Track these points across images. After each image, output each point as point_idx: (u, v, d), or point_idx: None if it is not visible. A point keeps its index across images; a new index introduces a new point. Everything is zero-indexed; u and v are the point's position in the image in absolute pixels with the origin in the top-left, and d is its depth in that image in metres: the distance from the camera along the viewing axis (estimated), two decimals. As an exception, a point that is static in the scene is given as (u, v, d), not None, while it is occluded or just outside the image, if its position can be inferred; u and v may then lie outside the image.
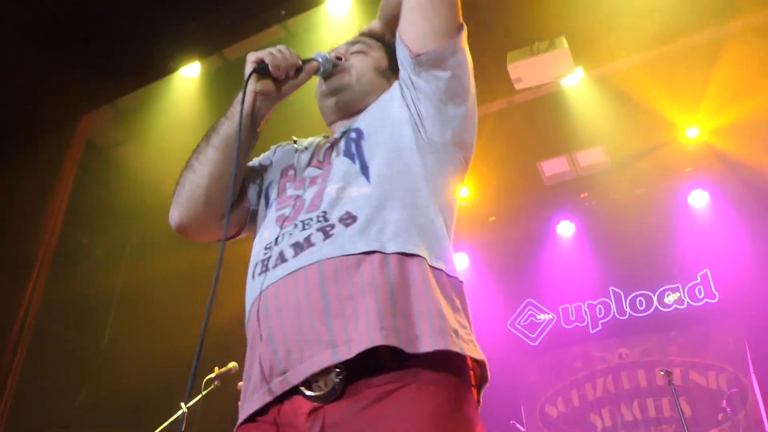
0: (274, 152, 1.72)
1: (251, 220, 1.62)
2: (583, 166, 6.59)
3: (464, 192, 6.78)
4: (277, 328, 1.26)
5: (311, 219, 1.35)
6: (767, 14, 5.14)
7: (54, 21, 3.75)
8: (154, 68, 3.82)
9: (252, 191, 1.62)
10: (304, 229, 1.34)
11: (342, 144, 1.49)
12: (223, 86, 5.46)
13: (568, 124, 6.09)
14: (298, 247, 1.31)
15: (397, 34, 1.52)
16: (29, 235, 4.49)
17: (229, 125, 1.49)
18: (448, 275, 1.35)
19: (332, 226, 1.32)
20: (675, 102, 5.90)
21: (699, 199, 6.47)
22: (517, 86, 4.60)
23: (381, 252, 1.27)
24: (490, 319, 6.70)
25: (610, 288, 6.62)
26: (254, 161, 1.69)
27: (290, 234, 1.35)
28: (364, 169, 1.41)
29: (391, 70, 1.71)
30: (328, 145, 1.55)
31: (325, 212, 1.35)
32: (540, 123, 6.19)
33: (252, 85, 1.50)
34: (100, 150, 6.35)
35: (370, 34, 1.78)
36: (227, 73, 5.48)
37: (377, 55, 1.72)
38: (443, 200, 1.46)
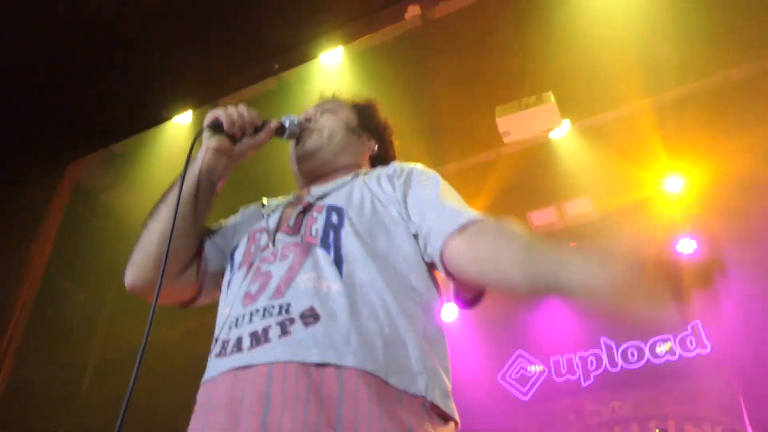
0: (242, 213, 1.68)
1: (213, 283, 1.57)
2: (571, 216, 6.64)
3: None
4: (213, 423, 1.20)
5: (273, 307, 1.28)
6: (747, 68, 5.31)
7: (46, 66, 3.79)
8: (147, 117, 3.85)
9: (213, 253, 1.58)
10: (264, 317, 1.27)
11: (320, 225, 1.42)
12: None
13: (555, 175, 6.17)
14: (254, 338, 1.24)
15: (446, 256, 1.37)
16: (11, 279, 4.42)
17: (180, 181, 1.47)
18: (412, 396, 1.21)
19: (292, 321, 1.24)
20: (660, 153, 6.01)
21: (687, 247, 6.51)
22: (506, 140, 4.68)
23: (335, 366, 1.17)
24: (480, 372, 6.60)
25: (602, 339, 6.57)
26: (220, 222, 1.67)
27: (251, 319, 1.28)
28: (338, 264, 1.33)
29: (361, 128, 1.74)
30: (301, 208, 1.49)
31: (289, 303, 1.27)
32: (528, 173, 6.27)
33: (206, 142, 1.50)
34: (88, 193, 6.32)
35: (335, 97, 1.81)
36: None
37: (347, 113, 1.76)
38: (425, 318, 1.36)
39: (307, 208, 1.49)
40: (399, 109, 5.61)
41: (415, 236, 1.43)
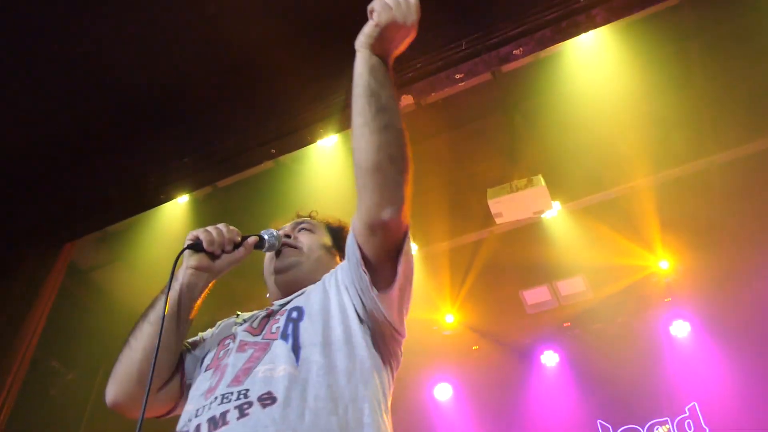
0: (218, 326, 1.74)
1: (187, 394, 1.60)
2: (564, 295, 6.64)
3: (448, 319, 6.77)
4: None
5: (231, 394, 1.32)
6: (731, 153, 5.48)
7: (46, 148, 3.89)
8: (144, 200, 3.92)
9: (192, 365, 1.62)
10: (222, 403, 1.31)
11: (282, 322, 1.49)
12: (210, 212, 5.56)
13: (548, 254, 6.22)
14: (212, 423, 1.28)
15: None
16: (1, 357, 4.35)
17: (163, 300, 1.51)
18: None
19: (249, 404, 1.28)
20: (649, 234, 6.10)
21: (680, 330, 6.49)
22: (498, 221, 4.76)
23: None
24: (475, 454, 6.43)
25: (598, 421, 6.43)
26: (199, 336, 1.73)
27: (209, 407, 1.33)
28: (296, 350, 1.39)
29: (335, 247, 1.84)
30: (264, 314, 1.57)
31: (247, 390, 1.32)
32: (520, 253, 6.32)
33: (187, 261, 1.57)
34: (81, 272, 6.31)
35: (311, 216, 1.92)
36: (216, 199, 5.62)
37: (322, 233, 1.86)
38: (378, 395, 1.41)
39: (271, 314, 1.57)
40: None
41: (360, 318, 1.49)
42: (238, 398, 1.30)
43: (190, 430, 1.32)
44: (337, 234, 1.92)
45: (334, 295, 1.53)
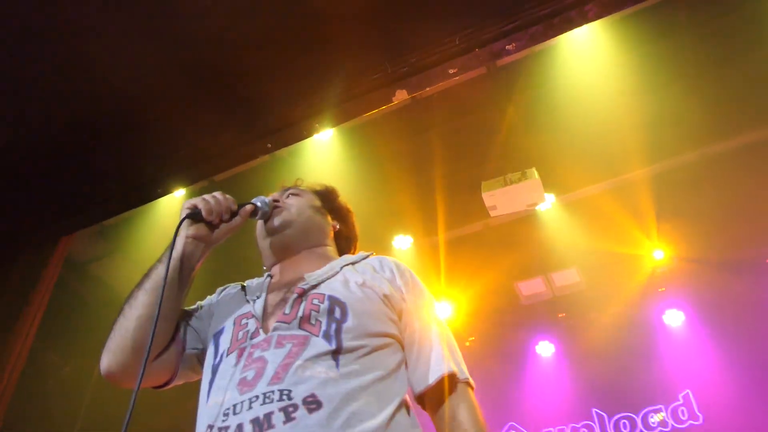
0: (220, 295, 1.73)
1: (188, 365, 1.59)
2: (558, 286, 6.70)
3: (445, 312, 6.83)
4: None
5: (273, 393, 1.29)
6: (723, 145, 5.52)
7: (41, 143, 3.90)
8: (140, 194, 3.93)
9: (190, 335, 1.60)
10: (264, 403, 1.28)
11: (323, 316, 1.45)
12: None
13: (542, 246, 6.27)
14: (257, 425, 1.25)
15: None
16: (-2, 351, 4.37)
17: (161, 268, 1.50)
18: None
19: (295, 408, 1.26)
20: (643, 225, 6.16)
21: (674, 319, 6.55)
22: (492, 213, 4.80)
23: None
24: (471, 445, 6.48)
25: (593, 410, 6.51)
26: (197, 304, 1.70)
27: (250, 406, 1.29)
28: (337, 354, 1.37)
29: (325, 208, 1.87)
30: (296, 296, 1.52)
31: (289, 390, 1.29)
32: (515, 245, 6.37)
33: (185, 230, 1.56)
34: (78, 265, 6.33)
35: (298, 184, 1.94)
36: (210, 191, 5.63)
37: (310, 196, 1.88)
38: (406, 411, 1.43)
39: (302, 295, 1.52)
40: (388, 183, 5.78)
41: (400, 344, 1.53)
42: (281, 399, 1.28)
43: (231, 427, 1.28)
44: (326, 196, 1.94)
45: (379, 305, 1.53)
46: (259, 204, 1.70)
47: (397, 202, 5.86)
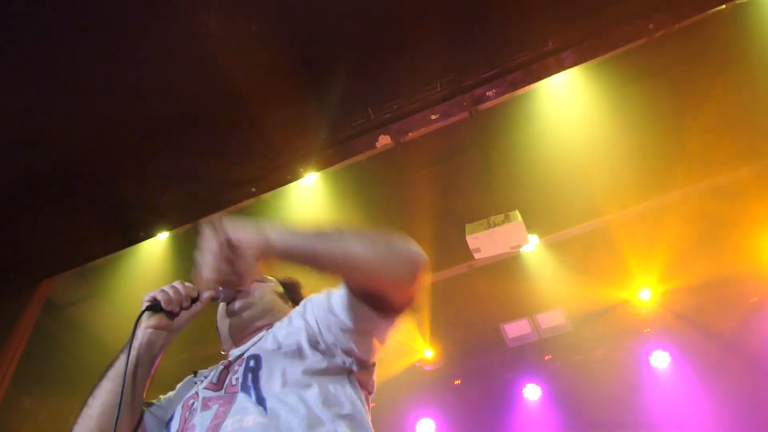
0: (177, 389, 1.75)
1: None
2: (544, 328, 6.68)
3: (428, 354, 6.78)
4: None
5: None
6: (701, 185, 5.63)
7: (24, 186, 3.89)
8: (123, 237, 3.92)
9: (153, 423, 1.63)
10: None
11: (240, 373, 1.51)
12: (189, 247, 5.54)
13: (527, 288, 6.28)
14: None
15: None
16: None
17: (124, 359, 1.53)
18: None
19: None
20: (626, 266, 6.20)
21: (660, 360, 6.55)
22: (476, 256, 4.82)
23: None
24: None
25: (580, 448, 6.43)
26: (160, 398, 1.73)
27: None
28: (260, 401, 1.41)
29: (287, 296, 1.91)
30: (222, 367, 1.59)
31: None
32: (500, 286, 6.37)
33: (145, 322, 1.60)
34: (58, 308, 6.23)
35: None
36: (196, 235, 5.59)
37: (273, 283, 1.92)
38: (347, 413, 1.45)
39: (229, 366, 1.59)
40: (372, 227, 5.78)
41: (323, 349, 1.54)
42: None
43: None
44: (289, 286, 1.97)
45: (297, 327, 1.57)
46: (221, 288, 1.70)
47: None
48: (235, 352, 1.65)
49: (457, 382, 7.07)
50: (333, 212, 5.33)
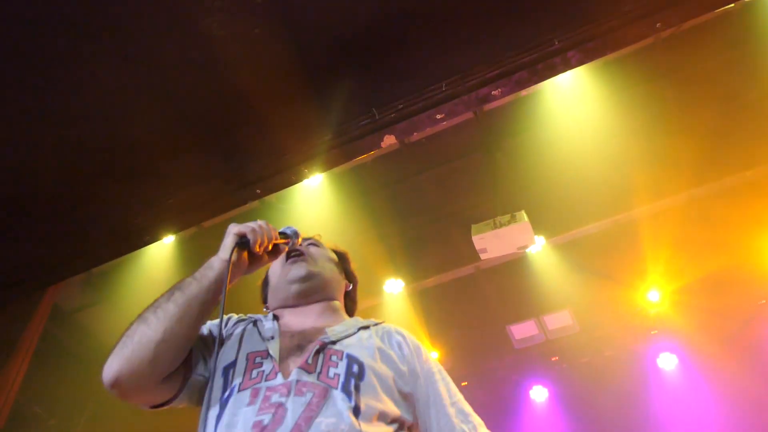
0: (226, 325, 1.68)
1: (191, 390, 1.52)
2: (551, 330, 6.65)
3: (434, 355, 6.75)
4: None
5: None
6: (710, 186, 5.60)
7: (30, 192, 3.89)
8: (129, 241, 3.92)
9: (198, 360, 1.55)
10: None
11: (341, 370, 1.45)
12: (196, 252, 5.57)
13: (533, 289, 6.26)
14: None
15: None
16: (-20, 404, 4.26)
17: (197, 287, 1.46)
18: None
19: None
20: (634, 267, 6.17)
21: (668, 362, 6.51)
22: (483, 256, 4.79)
23: None
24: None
25: (587, 459, 6.40)
26: (203, 329, 1.63)
27: None
28: (356, 410, 1.37)
29: (340, 265, 1.87)
30: (317, 347, 1.50)
31: None
32: (506, 287, 6.35)
33: (224, 254, 1.51)
34: (65, 314, 6.24)
35: (317, 238, 1.94)
36: (201, 239, 5.62)
37: (329, 251, 1.89)
38: None
39: (323, 348, 1.51)
40: (378, 228, 5.79)
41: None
42: None
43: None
44: (342, 256, 1.94)
45: (397, 377, 1.54)
46: (289, 233, 1.67)
47: (387, 247, 5.86)
48: (329, 334, 1.56)
49: (463, 384, 7.04)
50: (338, 214, 5.33)
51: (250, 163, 3.60)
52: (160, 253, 5.53)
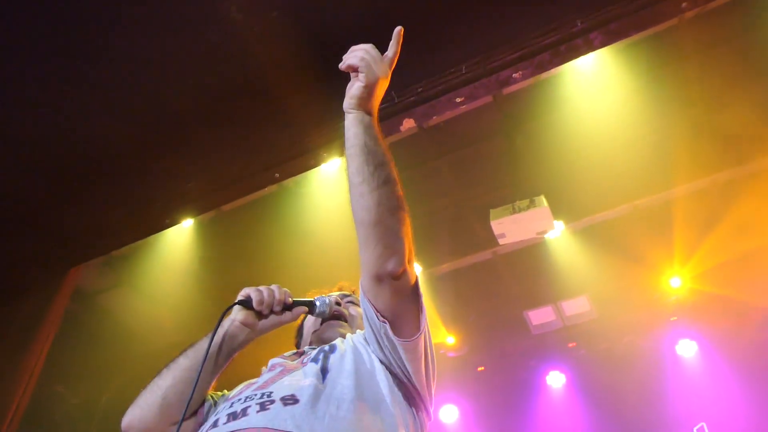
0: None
1: None
2: (569, 315, 6.62)
3: (450, 340, 6.76)
4: None
5: (255, 395, 1.40)
6: (734, 171, 5.50)
7: (52, 176, 3.93)
8: (148, 225, 3.96)
9: (211, 411, 1.64)
10: (245, 402, 1.39)
11: (313, 353, 1.58)
12: (215, 235, 5.60)
13: (551, 274, 6.21)
14: (232, 416, 1.35)
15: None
16: (6, 383, 4.35)
17: (206, 342, 1.58)
18: None
19: (272, 402, 1.35)
20: (654, 253, 6.09)
21: (687, 349, 6.45)
22: (501, 241, 4.77)
23: None
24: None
25: (606, 439, 6.38)
26: (225, 392, 1.74)
27: (231, 405, 1.41)
28: (324, 371, 1.47)
29: None
30: (293, 352, 1.68)
31: (271, 392, 1.40)
32: (524, 273, 6.31)
33: (234, 314, 1.64)
34: (87, 296, 6.32)
35: (354, 294, 1.99)
36: (220, 222, 5.65)
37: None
38: (403, 423, 1.45)
39: (303, 354, 1.66)
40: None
41: (388, 369, 1.53)
42: (261, 398, 1.38)
43: (207, 424, 1.40)
44: None
45: (363, 351, 1.57)
46: (318, 303, 1.74)
47: (405, 231, 5.83)
48: (310, 347, 1.70)
49: (480, 369, 7.05)
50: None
51: (269, 147, 3.60)
52: (179, 237, 5.56)
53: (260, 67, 3.41)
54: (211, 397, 1.69)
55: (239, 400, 1.41)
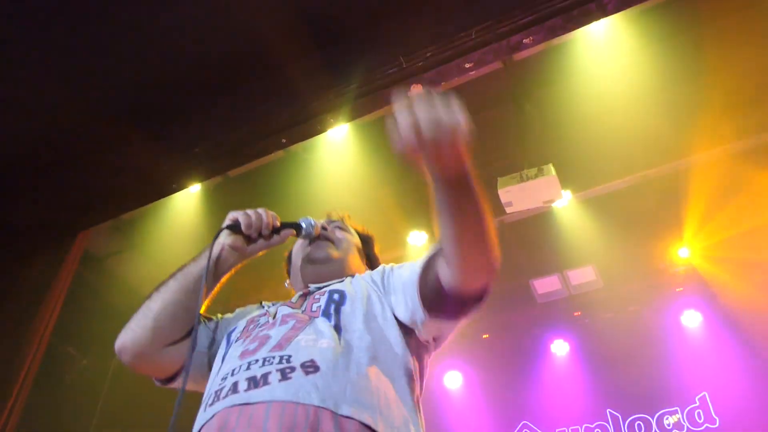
0: (238, 311, 1.76)
1: (196, 363, 1.59)
2: (575, 285, 6.63)
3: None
4: None
5: (273, 357, 1.33)
6: (745, 142, 5.43)
7: (60, 141, 3.93)
8: (157, 189, 3.97)
9: (204, 335, 1.65)
10: (263, 365, 1.32)
11: (322, 302, 1.52)
12: (223, 201, 5.61)
13: (558, 243, 6.21)
14: (253, 382, 1.28)
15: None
16: (17, 345, 4.43)
17: (194, 266, 1.60)
18: None
19: (292, 369, 1.29)
20: (663, 224, 6.07)
21: (692, 320, 6.46)
22: (508, 210, 4.75)
23: (332, 411, 1.22)
24: (485, 442, 6.47)
25: (608, 410, 6.44)
26: (218, 316, 1.75)
27: (248, 367, 1.33)
28: (338, 329, 1.42)
29: (364, 252, 1.91)
30: (301, 293, 1.62)
31: (290, 355, 1.33)
32: (531, 242, 6.31)
33: (222, 238, 1.63)
34: (96, 259, 6.39)
35: (345, 220, 1.96)
36: (227, 188, 5.66)
37: (355, 237, 1.92)
38: (414, 393, 1.43)
39: (308, 294, 1.61)
40: (402, 180, 5.75)
41: (399, 322, 1.51)
42: (280, 362, 1.31)
43: (226, 387, 1.31)
44: (367, 241, 1.98)
45: (376, 300, 1.55)
46: (304, 225, 1.73)
47: (411, 199, 5.83)
48: (315, 285, 1.66)
49: (485, 336, 7.10)
50: (363, 165, 5.29)
51: (275, 112, 3.57)
52: (187, 202, 5.58)
53: (266, 31, 3.36)
54: (205, 320, 1.68)
55: (256, 361, 1.33)
